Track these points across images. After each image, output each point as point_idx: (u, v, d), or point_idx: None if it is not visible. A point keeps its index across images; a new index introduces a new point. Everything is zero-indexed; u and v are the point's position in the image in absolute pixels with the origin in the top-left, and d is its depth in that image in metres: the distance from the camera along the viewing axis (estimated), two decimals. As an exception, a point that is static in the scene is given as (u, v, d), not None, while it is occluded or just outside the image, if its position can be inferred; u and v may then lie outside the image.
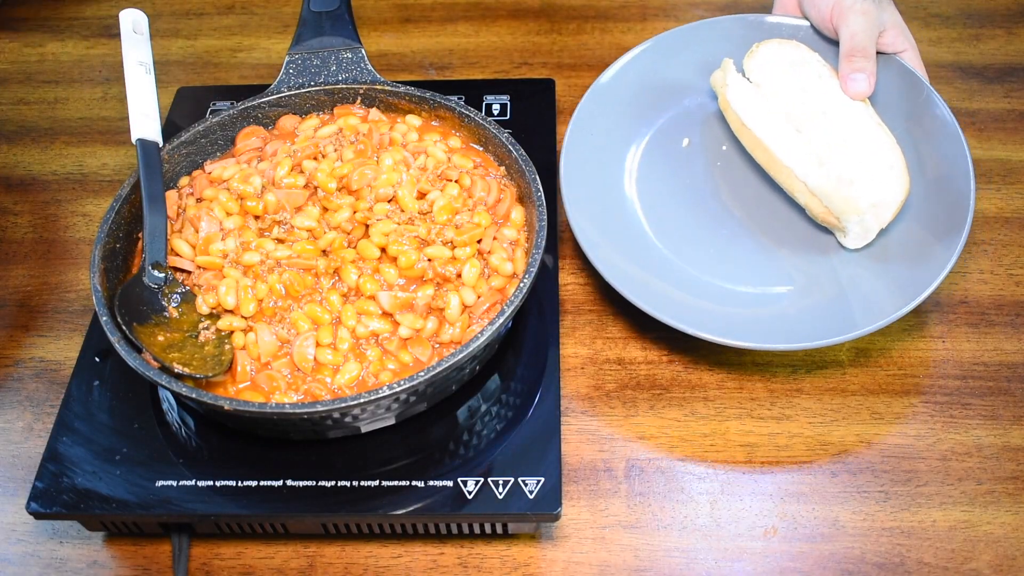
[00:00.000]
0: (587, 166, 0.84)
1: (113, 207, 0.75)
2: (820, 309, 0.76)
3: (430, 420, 0.71)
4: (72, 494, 0.67)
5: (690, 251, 0.82)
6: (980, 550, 0.69)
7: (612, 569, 0.69)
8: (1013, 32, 1.06)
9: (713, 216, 0.84)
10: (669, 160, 0.87)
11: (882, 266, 0.78)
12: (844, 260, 0.80)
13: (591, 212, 0.81)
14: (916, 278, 0.75)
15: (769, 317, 0.77)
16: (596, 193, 0.83)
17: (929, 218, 0.78)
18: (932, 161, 0.80)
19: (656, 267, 0.80)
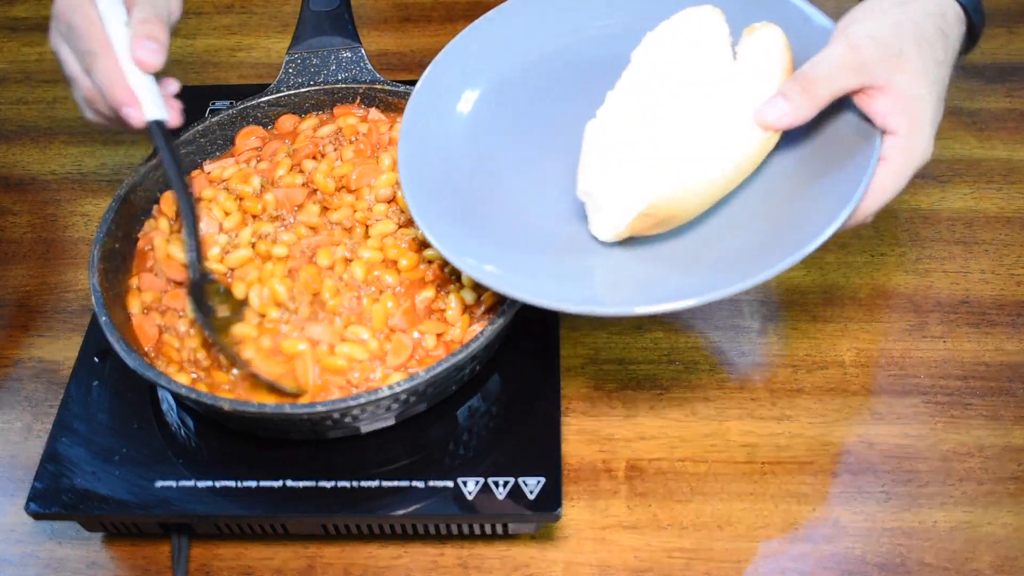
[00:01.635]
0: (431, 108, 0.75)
1: (112, 207, 0.75)
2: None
3: (430, 420, 0.70)
4: (71, 494, 0.67)
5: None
6: (981, 551, 0.69)
7: (612, 569, 0.69)
8: (1013, 32, 1.06)
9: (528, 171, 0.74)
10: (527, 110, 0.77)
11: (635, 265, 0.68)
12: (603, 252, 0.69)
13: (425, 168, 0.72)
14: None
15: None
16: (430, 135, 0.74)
17: (719, 257, 0.66)
18: (784, 224, 0.66)
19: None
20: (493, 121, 0.76)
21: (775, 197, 0.68)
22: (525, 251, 0.69)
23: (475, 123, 0.76)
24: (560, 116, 0.75)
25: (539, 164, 0.74)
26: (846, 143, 0.66)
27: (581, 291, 0.67)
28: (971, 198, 0.90)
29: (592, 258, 0.69)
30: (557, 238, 0.70)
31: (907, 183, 0.64)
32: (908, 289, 0.84)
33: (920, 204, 0.90)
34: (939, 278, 0.84)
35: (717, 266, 0.65)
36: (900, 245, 0.87)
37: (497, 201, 0.72)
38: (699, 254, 0.67)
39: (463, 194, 0.72)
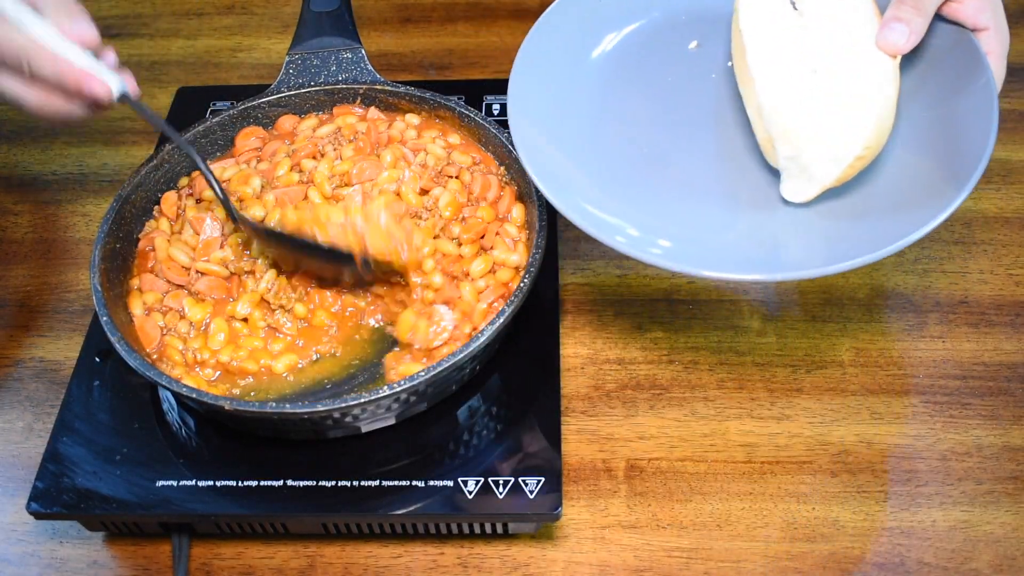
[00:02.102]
0: (551, 56, 0.76)
1: (113, 207, 0.75)
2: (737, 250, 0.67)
3: (430, 420, 0.71)
4: (72, 494, 0.67)
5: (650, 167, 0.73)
6: (980, 550, 0.69)
7: (612, 569, 0.69)
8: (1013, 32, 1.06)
9: (678, 133, 0.75)
10: (662, 63, 0.78)
11: (822, 224, 0.68)
12: (780, 213, 0.70)
13: (541, 108, 0.73)
14: (837, 252, 0.64)
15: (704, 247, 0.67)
16: (554, 86, 0.75)
17: (899, 200, 0.67)
18: (943, 144, 0.68)
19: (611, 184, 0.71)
20: (625, 71, 0.77)
21: (918, 127, 0.69)
22: (698, 216, 0.69)
23: (607, 70, 0.78)
24: (685, 74, 0.78)
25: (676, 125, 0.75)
26: (953, 55, 0.70)
27: (777, 257, 0.67)
28: (969, 198, 0.90)
29: (767, 219, 0.69)
30: (725, 201, 0.71)
31: None
32: (907, 289, 0.84)
33: (919, 204, 0.90)
34: (938, 278, 0.84)
35: (900, 210, 0.65)
36: (899, 245, 0.87)
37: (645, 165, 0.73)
38: (871, 204, 0.67)
39: (592, 152, 0.73)
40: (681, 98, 0.77)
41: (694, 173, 0.72)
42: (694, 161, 0.73)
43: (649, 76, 0.78)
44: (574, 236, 0.87)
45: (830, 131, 0.66)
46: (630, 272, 0.85)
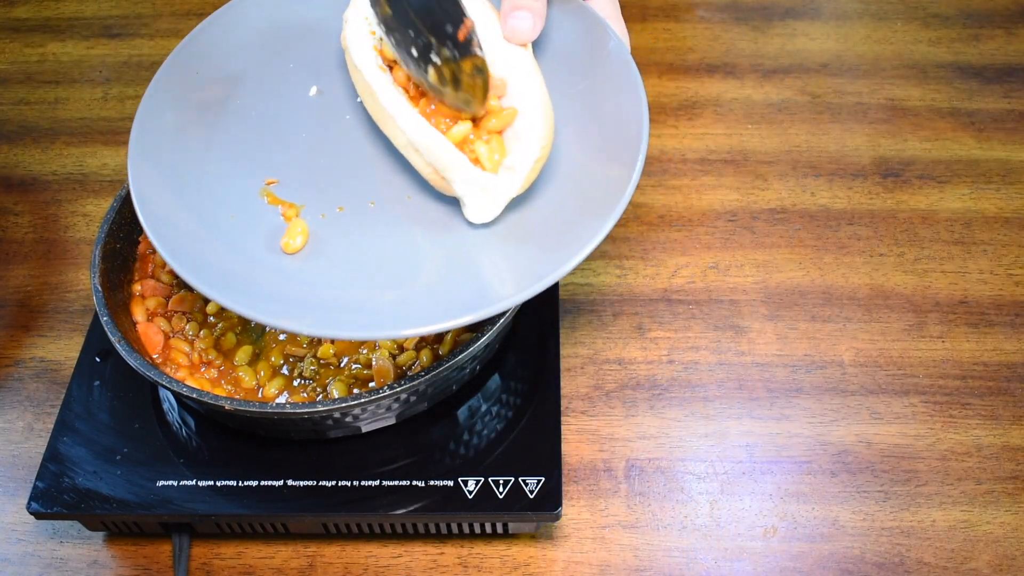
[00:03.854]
0: (171, 123, 0.67)
1: (114, 207, 0.75)
2: (444, 291, 0.61)
3: (430, 420, 0.71)
4: (73, 494, 0.67)
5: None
6: (980, 550, 0.69)
7: (612, 569, 0.69)
8: (1012, 32, 1.07)
9: (325, 190, 0.66)
10: (286, 109, 0.70)
11: (515, 246, 0.62)
12: (473, 237, 0.64)
13: (174, 218, 0.63)
14: (549, 260, 0.59)
15: (391, 302, 0.61)
16: (176, 152, 0.67)
17: (580, 193, 0.63)
18: (604, 132, 0.64)
19: (252, 256, 0.63)
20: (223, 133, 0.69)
21: (569, 114, 0.65)
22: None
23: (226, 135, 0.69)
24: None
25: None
26: (576, 30, 0.67)
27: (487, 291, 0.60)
28: (969, 198, 0.90)
29: (455, 258, 0.63)
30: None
31: None
32: (907, 289, 0.84)
33: (919, 204, 0.90)
34: (937, 278, 0.84)
35: (585, 207, 0.61)
36: (899, 245, 0.87)
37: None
38: (555, 210, 0.63)
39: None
40: (321, 140, 0.69)
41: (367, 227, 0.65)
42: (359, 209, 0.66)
43: (277, 120, 0.70)
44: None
45: (512, 133, 0.62)
46: (630, 272, 0.85)
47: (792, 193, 0.91)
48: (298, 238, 0.63)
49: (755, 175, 0.93)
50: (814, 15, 1.10)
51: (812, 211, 0.90)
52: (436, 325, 0.57)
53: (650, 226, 0.89)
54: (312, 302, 0.60)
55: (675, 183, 0.93)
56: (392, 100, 0.62)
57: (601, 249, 0.87)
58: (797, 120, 0.98)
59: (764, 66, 1.03)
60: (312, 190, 0.66)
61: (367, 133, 0.68)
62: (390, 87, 0.63)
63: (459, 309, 0.58)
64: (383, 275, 0.62)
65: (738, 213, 0.90)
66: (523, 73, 0.63)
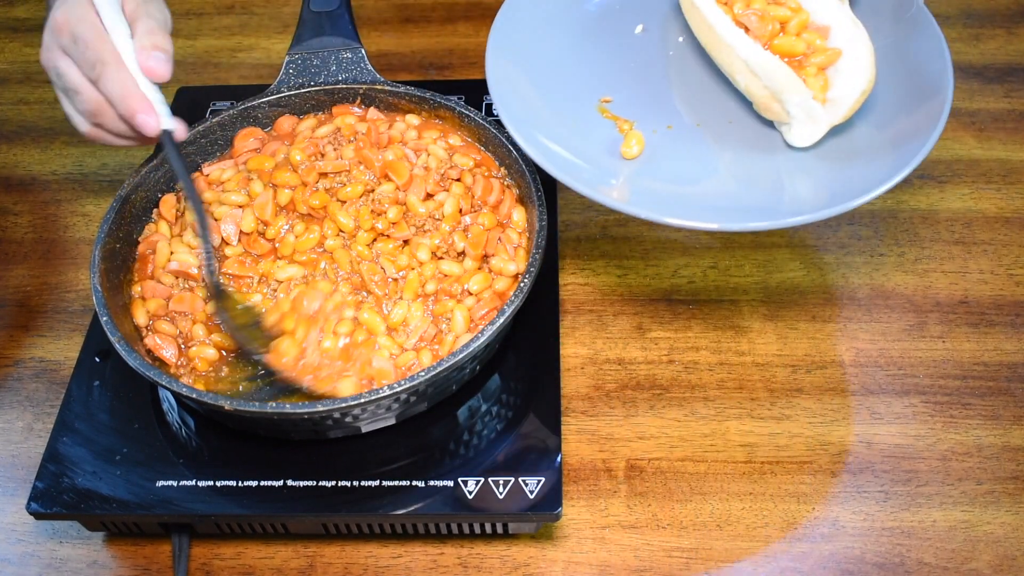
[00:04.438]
0: (523, 45, 0.80)
1: (113, 207, 0.75)
2: (756, 197, 0.71)
3: (430, 420, 0.71)
4: (72, 494, 0.67)
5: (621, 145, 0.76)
6: (980, 550, 0.69)
7: (612, 569, 0.69)
8: (1013, 32, 1.06)
9: (653, 111, 0.78)
10: (618, 46, 0.83)
11: (828, 165, 0.72)
12: (789, 158, 0.74)
13: (523, 96, 0.76)
14: (858, 181, 0.69)
15: (708, 202, 0.71)
16: (532, 76, 0.78)
17: (893, 127, 0.73)
18: (908, 72, 0.75)
19: (593, 155, 0.74)
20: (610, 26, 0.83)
21: (881, 59, 0.74)
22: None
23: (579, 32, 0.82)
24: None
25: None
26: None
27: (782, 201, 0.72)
28: (970, 198, 0.90)
29: (767, 166, 0.74)
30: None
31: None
32: (907, 289, 0.84)
33: (919, 204, 0.90)
34: (938, 278, 0.84)
35: (896, 139, 0.71)
36: (899, 245, 0.87)
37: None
38: (865, 140, 0.73)
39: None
40: (650, 69, 0.81)
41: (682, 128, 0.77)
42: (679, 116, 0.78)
43: (611, 49, 0.82)
44: (574, 236, 0.88)
45: (834, 70, 0.72)
46: (630, 272, 0.85)
47: (792, 193, 0.91)
48: (635, 147, 0.74)
49: (755, 175, 0.93)
50: (814, 15, 1.09)
51: (812, 211, 0.90)
52: (759, 223, 0.67)
53: (650, 226, 0.89)
54: (645, 196, 0.70)
55: (675, 183, 0.93)
56: (732, 31, 0.73)
57: (601, 249, 0.87)
58: (797, 120, 0.98)
59: (764, 66, 1.03)
60: (643, 109, 0.78)
61: (691, 65, 0.81)
62: (728, 20, 0.74)
63: (783, 212, 0.68)
64: (712, 183, 0.73)
65: (738, 213, 0.90)
66: (843, 18, 0.73)
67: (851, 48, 0.72)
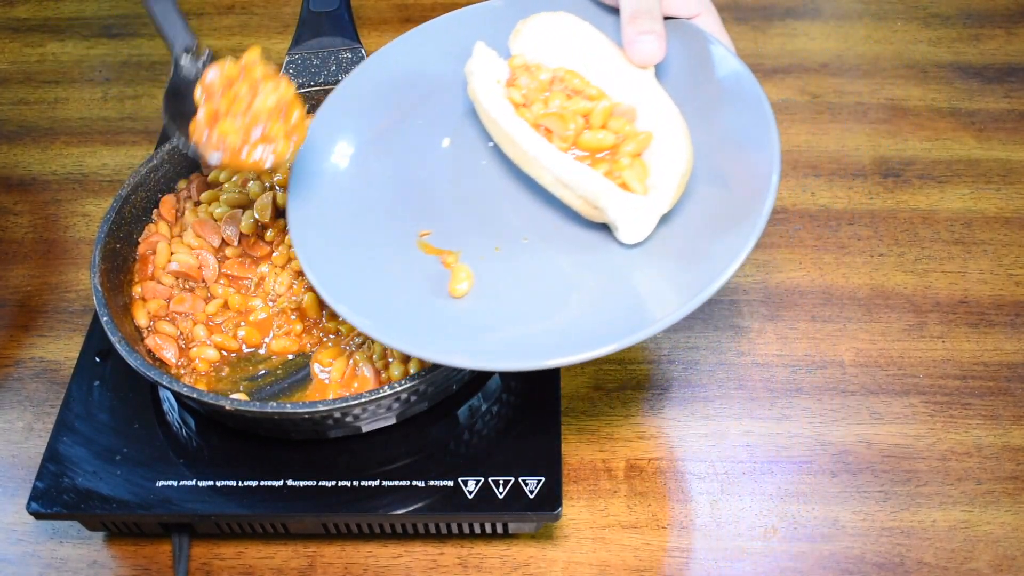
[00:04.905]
0: (326, 195, 0.71)
1: (113, 207, 0.75)
2: (607, 313, 0.63)
3: (431, 419, 0.71)
4: (72, 494, 0.67)
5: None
6: (980, 550, 0.69)
7: (612, 569, 0.69)
8: (1013, 32, 1.07)
9: (476, 234, 0.69)
10: (427, 167, 0.73)
11: (671, 260, 0.64)
12: (626, 257, 0.65)
13: (334, 254, 0.68)
14: (701, 273, 0.61)
15: (557, 329, 0.63)
16: (333, 205, 0.71)
17: (721, 206, 0.64)
18: (730, 143, 0.66)
19: (422, 297, 0.66)
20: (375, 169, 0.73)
21: (696, 133, 0.67)
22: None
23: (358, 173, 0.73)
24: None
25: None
26: (687, 47, 0.70)
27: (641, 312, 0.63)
28: (970, 198, 0.90)
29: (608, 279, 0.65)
30: None
31: None
32: (907, 289, 0.84)
33: (919, 204, 0.90)
34: (938, 278, 0.84)
35: (724, 222, 0.63)
36: (899, 245, 0.87)
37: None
38: (698, 227, 0.65)
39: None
40: (464, 187, 0.72)
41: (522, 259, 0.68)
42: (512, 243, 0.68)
43: (419, 173, 0.73)
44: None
45: (649, 154, 0.65)
46: (630, 272, 0.85)
47: (792, 193, 0.91)
48: (464, 282, 0.65)
49: (755, 175, 0.93)
50: (814, 15, 1.10)
51: (812, 211, 0.90)
52: (603, 348, 0.59)
53: (650, 226, 0.89)
54: (483, 339, 0.63)
55: (675, 183, 0.93)
56: (534, 143, 0.66)
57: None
58: (797, 120, 0.98)
59: (764, 66, 1.03)
60: (465, 235, 0.69)
61: (505, 175, 0.71)
62: (529, 130, 0.66)
63: (626, 331, 0.60)
64: (548, 305, 0.64)
65: (738, 213, 0.90)
66: (651, 95, 0.66)
67: (662, 127, 0.65)
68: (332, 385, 0.70)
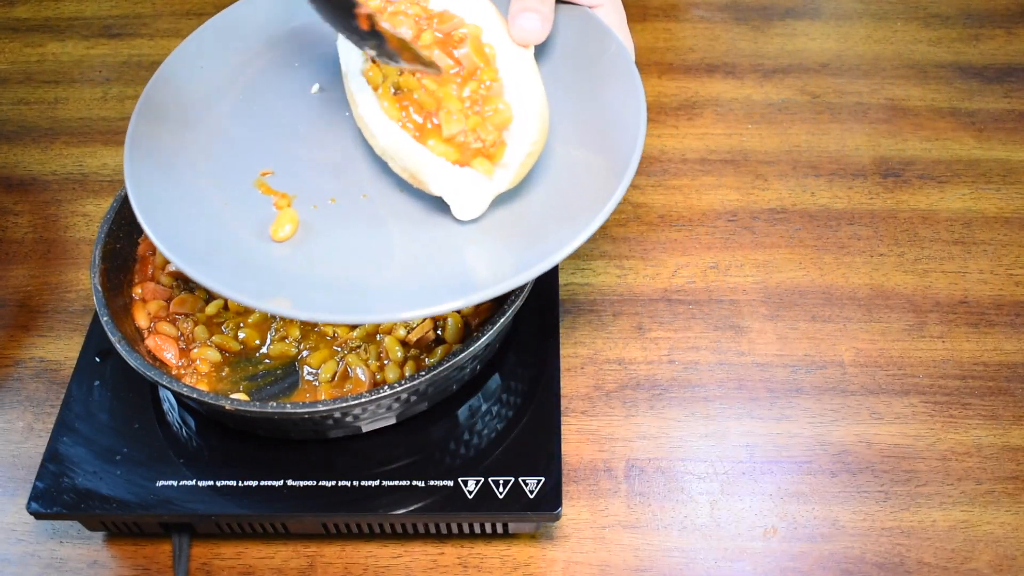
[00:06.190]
0: (179, 108, 0.70)
1: (113, 207, 0.75)
2: (423, 280, 0.61)
3: (431, 419, 0.71)
4: (72, 494, 0.67)
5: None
6: (980, 550, 0.69)
7: (612, 569, 0.69)
8: (1013, 32, 1.07)
9: (319, 182, 0.67)
10: (287, 109, 0.71)
11: (501, 240, 0.63)
12: (458, 231, 0.64)
13: (163, 175, 0.66)
14: (528, 255, 0.60)
15: (371, 288, 0.61)
16: (178, 131, 0.69)
17: (571, 194, 0.63)
18: (600, 131, 0.64)
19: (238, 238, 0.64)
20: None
21: (566, 116, 0.66)
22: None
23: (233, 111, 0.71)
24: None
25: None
26: (580, 36, 0.69)
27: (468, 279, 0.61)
28: (970, 198, 0.90)
29: (439, 247, 0.63)
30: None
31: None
32: (907, 289, 0.84)
33: (919, 204, 0.90)
34: (938, 278, 0.84)
35: (570, 208, 0.62)
36: (899, 245, 0.87)
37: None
38: (540, 208, 0.63)
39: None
40: (320, 134, 0.70)
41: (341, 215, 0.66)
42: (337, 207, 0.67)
43: (278, 113, 0.71)
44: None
45: (507, 133, 0.63)
46: (630, 272, 0.85)
47: (792, 193, 0.91)
48: (287, 226, 0.64)
49: (755, 175, 0.93)
50: (814, 15, 1.10)
51: (812, 211, 0.90)
52: (411, 311, 0.58)
53: (650, 226, 0.89)
54: (294, 286, 0.61)
55: (675, 183, 0.93)
56: (367, 106, 0.64)
57: (601, 249, 0.87)
58: (797, 120, 0.98)
59: (764, 66, 1.03)
60: (306, 182, 0.67)
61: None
62: (368, 93, 0.64)
63: (433, 297, 0.58)
64: (369, 264, 0.63)
65: (738, 213, 0.90)
66: (520, 73, 0.64)
67: (523, 107, 0.63)
68: (322, 387, 0.70)
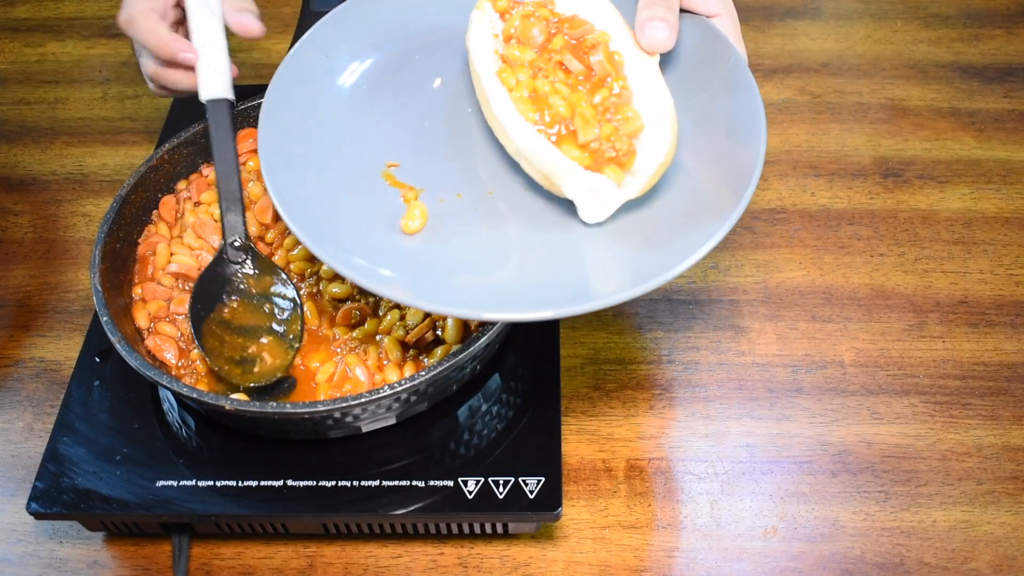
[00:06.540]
0: (304, 104, 0.71)
1: (113, 207, 0.75)
2: (547, 282, 0.62)
3: (431, 419, 0.71)
4: (72, 494, 0.67)
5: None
6: (980, 550, 0.69)
7: (612, 569, 0.69)
8: (1013, 32, 1.07)
9: (444, 176, 0.68)
10: (412, 103, 0.72)
11: (626, 246, 0.63)
12: (584, 233, 0.64)
13: (297, 164, 0.67)
14: (653, 262, 0.60)
15: (495, 284, 0.62)
16: (309, 123, 0.70)
17: (695, 202, 0.64)
18: (721, 142, 0.65)
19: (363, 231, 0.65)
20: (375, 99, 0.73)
21: (688, 125, 0.67)
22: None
23: (356, 99, 0.73)
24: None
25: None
26: (700, 45, 0.70)
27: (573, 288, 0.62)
28: (970, 198, 0.90)
29: (559, 251, 0.64)
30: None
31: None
32: (907, 289, 0.84)
33: (919, 204, 0.90)
34: (938, 278, 0.84)
35: (691, 220, 0.62)
36: (899, 245, 0.87)
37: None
38: (663, 217, 0.64)
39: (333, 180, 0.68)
40: (444, 128, 0.71)
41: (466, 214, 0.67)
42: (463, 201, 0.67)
43: (404, 106, 0.72)
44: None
45: (637, 141, 0.64)
46: (630, 272, 0.85)
47: (792, 193, 0.91)
48: (417, 220, 0.65)
49: (755, 175, 0.93)
50: (814, 15, 1.10)
51: (812, 211, 0.90)
52: (531, 313, 0.58)
53: (650, 226, 0.89)
54: (423, 278, 0.62)
55: (675, 183, 0.93)
56: (503, 108, 0.64)
57: (601, 249, 0.87)
58: (797, 120, 0.98)
59: (764, 66, 1.03)
60: (432, 176, 0.68)
61: (488, 127, 0.69)
62: (503, 94, 0.65)
63: (555, 302, 0.59)
64: (493, 260, 0.64)
65: (738, 213, 0.90)
66: (648, 82, 0.65)
67: (653, 115, 0.64)
68: (321, 387, 0.70)
